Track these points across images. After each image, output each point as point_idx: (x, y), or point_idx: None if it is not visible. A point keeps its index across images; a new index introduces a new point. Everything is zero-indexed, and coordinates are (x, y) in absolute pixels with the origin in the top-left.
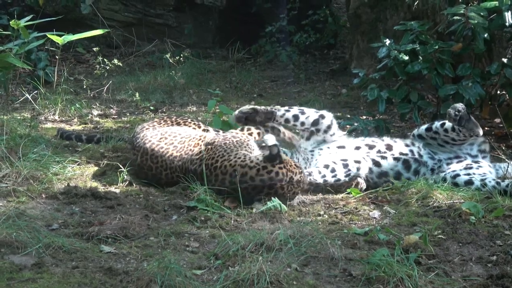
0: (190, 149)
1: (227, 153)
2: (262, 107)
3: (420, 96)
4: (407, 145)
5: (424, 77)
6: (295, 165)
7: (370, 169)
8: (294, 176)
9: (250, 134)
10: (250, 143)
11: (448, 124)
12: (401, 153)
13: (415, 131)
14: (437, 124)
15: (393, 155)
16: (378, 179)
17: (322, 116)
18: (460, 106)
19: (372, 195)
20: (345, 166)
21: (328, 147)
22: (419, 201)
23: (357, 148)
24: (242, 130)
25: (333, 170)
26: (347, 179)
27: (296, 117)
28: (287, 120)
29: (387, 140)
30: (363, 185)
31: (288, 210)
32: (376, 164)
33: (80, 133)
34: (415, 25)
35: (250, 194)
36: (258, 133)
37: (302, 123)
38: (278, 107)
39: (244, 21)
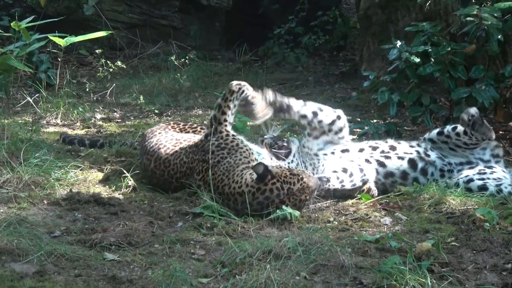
0: (193, 158)
1: (226, 176)
2: (280, 99)
3: (432, 99)
4: (411, 146)
5: (436, 80)
6: (290, 174)
7: (376, 170)
8: (292, 186)
9: None
10: (245, 145)
11: (460, 128)
12: (405, 153)
13: (426, 135)
14: (448, 128)
15: (397, 154)
16: (385, 179)
17: (339, 117)
18: (473, 110)
19: (383, 201)
20: (361, 170)
21: (333, 152)
22: (432, 207)
23: (361, 150)
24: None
25: (351, 175)
26: (361, 183)
27: (315, 114)
28: (303, 116)
29: (390, 141)
30: (375, 192)
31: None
32: (381, 164)
33: (83, 138)
34: (427, 26)
35: (255, 214)
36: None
37: (320, 121)
38: (294, 100)
39: (251, 23)
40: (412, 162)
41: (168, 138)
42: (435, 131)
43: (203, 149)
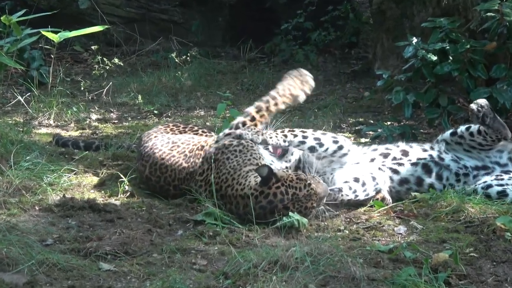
0: (195, 162)
1: (230, 176)
2: (275, 140)
3: (450, 100)
4: (424, 150)
5: (454, 79)
6: (297, 179)
7: (390, 177)
8: (298, 192)
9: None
10: (253, 147)
11: (474, 127)
12: (418, 158)
13: (440, 137)
14: (462, 128)
15: (410, 160)
16: (400, 187)
17: (340, 147)
18: (483, 101)
19: (397, 208)
20: (374, 179)
21: (341, 166)
22: (449, 216)
23: (372, 160)
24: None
25: (363, 184)
26: (374, 193)
27: (312, 149)
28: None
29: (402, 145)
30: (389, 201)
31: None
32: (395, 171)
33: (77, 140)
34: (445, 22)
35: (258, 220)
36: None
37: (319, 155)
38: (290, 137)
39: (257, 17)
40: (426, 168)
41: (164, 142)
42: (449, 131)
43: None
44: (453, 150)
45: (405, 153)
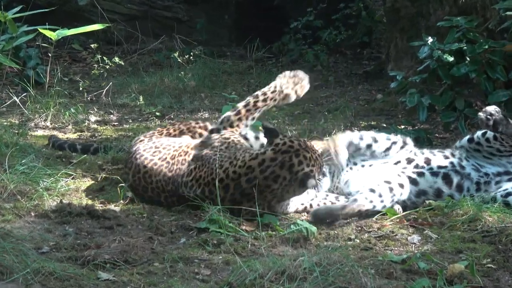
0: (179, 168)
1: (226, 160)
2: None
3: (467, 103)
4: (446, 157)
5: (472, 81)
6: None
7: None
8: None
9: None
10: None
11: (490, 134)
12: (439, 167)
13: (457, 143)
14: (478, 133)
15: (431, 169)
16: (417, 199)
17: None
18: (492, 108)
19: (411, 216)
20: (391, 190)
21: (363, 165)
22: (466, 224)
23: (397, 162)
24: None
25: (380, 195)
26: (391, 205)
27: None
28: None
29: (426, 153)
30: (399, 210)
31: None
32: (413, 182)
33: (74, 142)
34: (462, 21)
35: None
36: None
37: (373, 152)
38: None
39: (264, 15)
40: (447, 178)
41: (148, 146)
42: (466, 138)
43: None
44: (473, 157)
45: (427, 161)
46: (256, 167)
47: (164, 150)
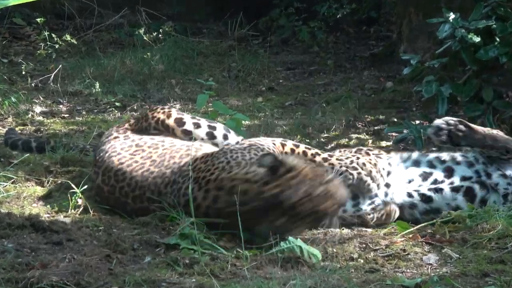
0: (177, 160)
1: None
2: None
3: (496, 94)
4: (471, 164)
5: (502, 67)
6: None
7: (412, 204)
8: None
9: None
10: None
11: None
12: (463, 178)
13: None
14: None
15: (452, 184)
16: (423, 216)
17: None
18: (441, 122)
19: (427, 231)
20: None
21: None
22: (493, 242)
23: (410, 181)
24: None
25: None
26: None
27: None
28: None
29: (448, 161)
30: (396, 212)
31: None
32: (426, 200)
33: (29, 139)
34: None
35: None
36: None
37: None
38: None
39: None
40: (469, 193)
41: (127, 145)
42: None
43: None
44: (492, 159)
45: (449, 173)
46: None
47: (150, 148)
